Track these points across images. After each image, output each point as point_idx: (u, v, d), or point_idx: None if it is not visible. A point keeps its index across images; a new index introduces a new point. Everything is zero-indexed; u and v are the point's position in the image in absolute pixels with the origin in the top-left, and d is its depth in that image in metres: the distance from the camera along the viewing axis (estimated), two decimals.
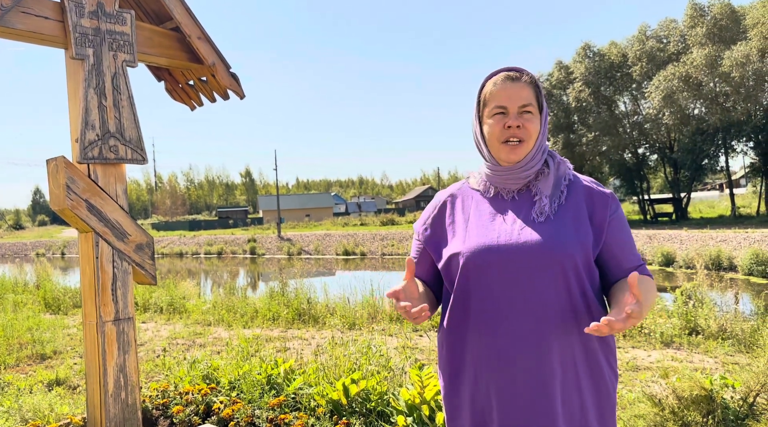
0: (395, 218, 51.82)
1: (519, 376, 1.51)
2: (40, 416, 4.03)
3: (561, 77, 35.78)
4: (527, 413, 1.51)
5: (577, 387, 1.53)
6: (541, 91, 1.65)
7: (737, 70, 26.98)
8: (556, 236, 1.53)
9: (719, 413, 3.46)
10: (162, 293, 10.85)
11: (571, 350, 1.52)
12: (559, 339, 1.51)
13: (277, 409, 3.78)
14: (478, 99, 1.67)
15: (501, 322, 1.53)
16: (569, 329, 1.52)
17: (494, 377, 1.55)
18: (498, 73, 1.64)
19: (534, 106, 1.60)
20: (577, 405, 1.53)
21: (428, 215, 1.76)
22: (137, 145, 3.23)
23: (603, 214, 1.60)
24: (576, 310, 1.53)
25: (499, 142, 1.59)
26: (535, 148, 1.61)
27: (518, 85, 1.59)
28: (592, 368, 1.55)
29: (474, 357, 1.59)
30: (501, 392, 1.53)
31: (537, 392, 1.50)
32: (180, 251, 44.38)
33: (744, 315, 7.72)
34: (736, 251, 19.94)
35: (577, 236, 1.54)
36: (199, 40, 3.52)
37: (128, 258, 3.21)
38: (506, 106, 1.58)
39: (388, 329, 7.73)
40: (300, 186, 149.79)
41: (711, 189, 71.68)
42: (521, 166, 1.61)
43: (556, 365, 1.50)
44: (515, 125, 1.56)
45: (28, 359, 6.60)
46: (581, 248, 1.53)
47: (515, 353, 1.51)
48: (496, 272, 1.54)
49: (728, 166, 33.25)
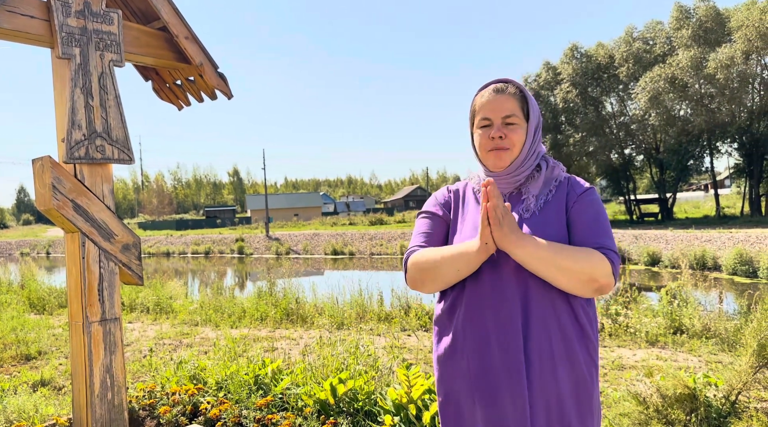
0: (384, 217, 51.88)
1: (498, 359, 1.59)
2: (25, 417, 3.99)
3: (548, 78, 35.99)
4: (504, 397, 1.56)
5: (553, 375, 1.58)
6: (528, 101, 1.73)
7: (722, 72, 27.30)
8: (539, 229, 1.63)
9: (702, 411, 3.51)
10: (149, 293, 10.78)
11: (548, 335, 1.59)
12: (538, 324, 1.59)
13: (265, 409, 3.78)
14: (471, 111, 1.80)
15: (487, 312, 1.62)
16: (548, 316, 1.60)
17: (477, 361, 1.63)
18: (488, 85, 1.76)
19: (518, 116, 1.69)
20: (553, 392, 1.57)
21: (443, 197, 1.87)
22: (124, 145, 3.22)
23: (573, 197, 1.69)
24: (554, 298, 1.61)
25: (486, 151, 1.72)
26: (523, 156, 1.71)
27: (503, 97, 1.70)
28: (569, 356, 1.60)
29: (463, 344, 1.67)
30: (481, 375, 1.61)
31: (513, 374, 1.56)
32: (167, 251, 44.08)
33: (728, 314, 7.81)
34: (720, 251, 20.17)
35: (557, 229, 1.64)
36: (187, 40, 3.51)
37: (115, 258, 3.20)
38: (491, 118, 1.70)
39: (376, 329, 7.75)
40: (288, 185, 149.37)
41: (696, 189, 72.44)
42: (509, 172, 1.72)
43: (534, 351, 1.57)
44: (497, 136, 1.67)
45: (12, 359, 6.54)
46: (561, 239, 1.63)
47: (497, 340, 1.59)
48: (484, 265, 1.63)
49: (713, 167, 33.63)
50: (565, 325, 1.60)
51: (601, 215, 1.67)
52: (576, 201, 1.68)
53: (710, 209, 37.90)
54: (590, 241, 1.61)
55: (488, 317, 1.61)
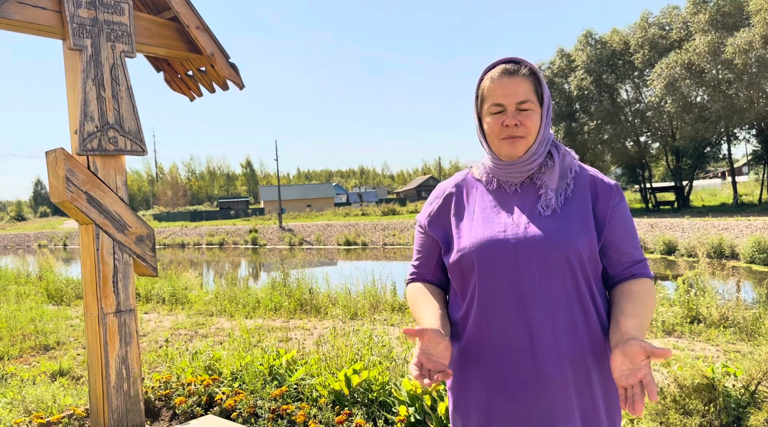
0: (396, 207, 51.76)
1: (521, 371, 1.49)
2: (43, 408, 4.04)
3: (562, 65, 35.59)
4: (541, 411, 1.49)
5: (587, 380, 1.51)
6: (541, 82, 1.59)
7: (740, 57, 26.81)
8: (563, 230, 1.51)
9: (721, 401, 3.46)
10: (164, 283, 10.87)
11: (579, 343, 1.50)
12: (566, 332, 1.49)
13: (279, 399, 3.79)
14: (477, 94, 1.63)
15: (509, 318, 1.50)
16: (577, 322, 1.51)
17: (494, 373, 1.53)
18: (496, 65, 1.59)
19: (533, 101, 1.55)
20: (588, 398, 1.51)
21: (433, 206, 1.73)
22: (137, 136, 3.21)
23: (606, 206, 1.57)
24: (583, 303, 1.52)
25: (498, 139, 1.56)
26: (537, 143, 1.58)
27: (515, 79, 1.54)
28: (599, 359, 1.53)
29: (482, 353, 1.56)
30: (508, 388, 1.51)
31: (540, 388, 1.48)
32: (182, 242, 44.43)
33: (746, 303, 7.71)
34: (738, 239, 19.91)
35: (584, 230, 1.52)
36: (198, 30, 3.49)
37: (129, 250, 3.21)
38: (503, 104, 1.54)
39: (390, 319, 7.75)
40: (301, 176, 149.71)
41: (713, 177, 71.51)
42: (523, 160, 1.58)
43: (567, 359, 1.48)
44: (513, 124, 1.53)
45: (31, 349, 6.63)
46: (588, 241, 1.52)
47: (520, 348, 1.49)
48: (502, 266, 1.51)
49: (730, 153, 33.17)
50: (594, 328, 1.53)
51: (632, 221, 1.62)
52: (613, 207, 1.57)
53: (727, 197, 37.41)
54: (631, 253, 1.59)
55: (510, 327, 1.50)
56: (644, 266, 1.60)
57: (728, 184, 44.20)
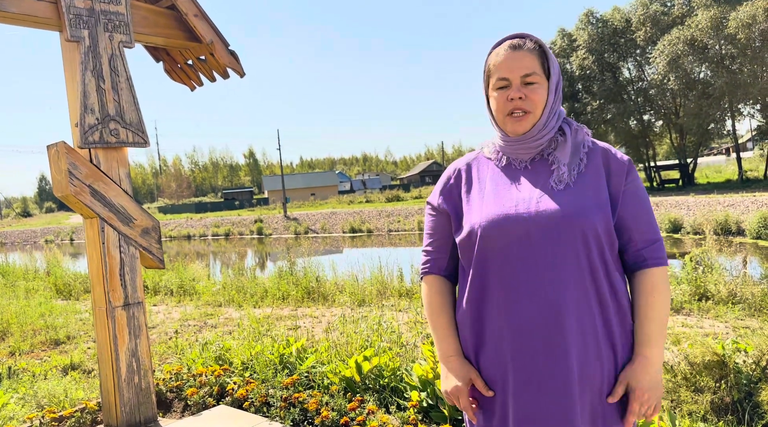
0: (400, 193, 51.72)
1: (539, 346, 1.48)
2: (55, 402, 4.06)
3: (564, 45, 35.30)
4: (549, 395, 1.48)
5: (597, 356, 1.49)
6: (548, 56, 1.58)
7: (743, 32, 26.50)
8: (577, 203, 1.49)
9: (732, 377, 3.45)
10: (172, 275, 10.90)
11: (591, 318, 1.49)
12: (579, 308, 1.48)
13: (291, 388, 3.80)
14: (484, 71, 1.63)
15: (521, 293, 1.49)
16: (589, 298, 1.49)
17: (513, 351, 1.51)
18: (502, 42, 1.60)
19: (539, 74, 1.54)
20: (598, 376, 1.50)
21: (444, 185, 1.72)
22: (138, 127, 3.19)
23: (619, 181, 1.56)
24: (596, 278, 1.50)
25: (504, 114, 1.56)
26: (545, 117, 1.56)
27: (520, 53, 1.54)
28: (610, 335, 1.52)
29: (494, 332, 1.56)
30: (521, 366, 1.50)
31: (557, 362, 1.47)
32: (188, 234, 44.56)
33: (754, 279, 7.67)
34: (743, 215, 19.81)
35: (598, 204, 1.51)
36: (196, 17, 3.45)
37: (135, 243, 3.20)
38: (508, 78, 1.54)
39: (398, 305, 7.75)
40: (304, 165, 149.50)
41: (717, 154, 71.15)
42: (531, 136, 1.57)
43: (576, 335, 1.47)
44: (517, 97, 1.53)
45: (42, 344, 6.66)
46: (603, 215, 1.50)
47: (535, 324, 1.48)
48: (515, 242, 1.50)
49: (735, 129, 32.88)
50: (606, 305, 1.51)
51: (646, 197, 1.59)
52: (627, 184, 1.56)
53: (732, 173, 37.17)
54: (645, 231, 1.57)
55: (523, 303, 1.49)
56: (658, 247, 1.57)
57: (733, 160, 43.91)
